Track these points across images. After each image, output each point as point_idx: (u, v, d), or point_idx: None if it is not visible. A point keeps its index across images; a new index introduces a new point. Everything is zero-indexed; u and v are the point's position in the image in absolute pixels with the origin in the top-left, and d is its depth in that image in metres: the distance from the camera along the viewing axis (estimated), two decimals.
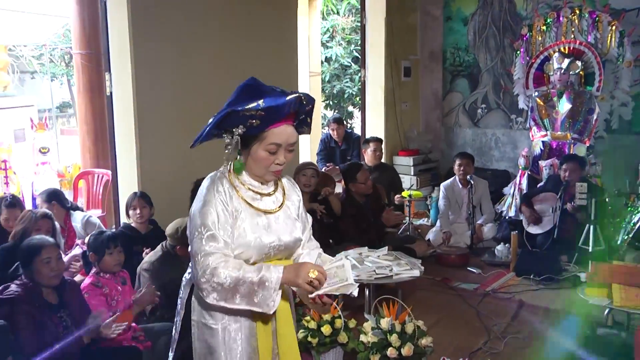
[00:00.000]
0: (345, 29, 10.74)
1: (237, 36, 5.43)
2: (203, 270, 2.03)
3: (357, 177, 5.38)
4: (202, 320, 2.20)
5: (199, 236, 2.08)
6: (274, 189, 2.28)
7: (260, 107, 2.05)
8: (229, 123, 2.11)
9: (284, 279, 2.06)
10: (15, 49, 10.39)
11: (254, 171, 2.20)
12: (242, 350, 2.19)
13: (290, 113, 2.12)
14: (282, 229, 2.23)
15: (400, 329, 3.35)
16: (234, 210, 2.14)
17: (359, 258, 4.27)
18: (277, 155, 2.15)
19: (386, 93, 7.59)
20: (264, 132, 2.10)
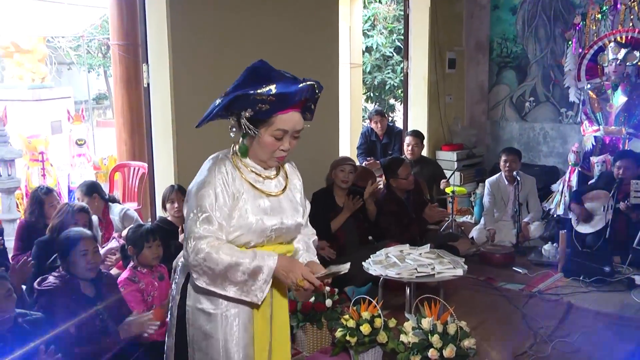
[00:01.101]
0: (388, 18, 10.55)
1: (277, 26, 5.36)
2: (195, 252, 2.03)
3: (399, 172, 5.27)
4: (197, 305, 2.18)
5: (194, 218, 2.07)
6: (276, 173, 2.29)
7: (272, 93, 2.04)
8: (237, 106, 2.10)
9: (275, 271, 2.06)
10: (54, 40, 10.55)
11: (258, 155, 2.19)
12: (239, 336, 2.17)
13: (300, 100, 2.11)
14: (285, 212, 2.23)
15: (442, 329, 3.25)
16: (235, 192, 2.12)
17: (399, 255, 4.15)
18: (282, 141, 2.14)
19: (430, 85, 7.42)
20: (272, 118, 2.10)
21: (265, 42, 5.27)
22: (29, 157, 6.24)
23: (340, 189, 5.05)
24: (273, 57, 5.29)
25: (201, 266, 2.04)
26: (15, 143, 5.86)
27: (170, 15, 4.51)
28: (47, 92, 8.27)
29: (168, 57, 4.54)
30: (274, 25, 5.33)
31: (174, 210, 4.38)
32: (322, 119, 5.92)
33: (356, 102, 9.22)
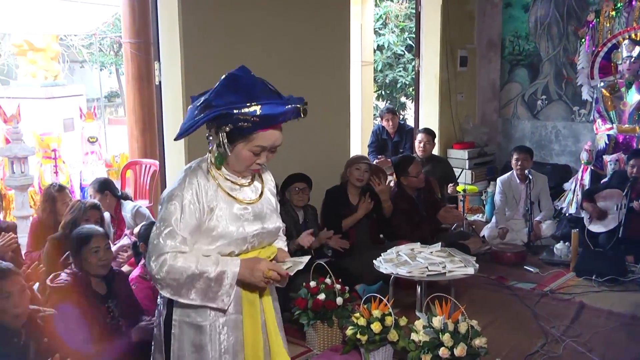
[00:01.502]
0: (399, 16, 10.52)
1: (288, 25, 5.35)
2: (159, 266, 2.03)
3: (409, 170, 5.26)
4: (185, 319, 2.16)
5: (157, 231, 2.07)
6: (251, 179, 2.27)
7: (257, 114, 2.02)
8: (219, 121, 2.07)
9: (239, 275, 2.06)
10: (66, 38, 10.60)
11: (234, 167, 2.17)
12: (228, 345, 2.17)
13: (283, 121, 2.11)
14: (265, 217, 2.23)
15: (453, 328, 3.23)
16: (210, 203, 2.10)
17: (410, 254, 4.14)
18: (260, 156, 2.14)
19: (441, 83, 7.39)
20: (252, 134, 2.07)
21: (276, 40, 5.26)
22: (41, 155, 6.27)
23: (354, 187, 5.05)
24: (284, 56, 5.35)
25: (165, 279, 2.04)
26: (28, 140, 5.90)
27: (182, 13, 4.51)
28: (59, 90, 8.32)
29: (180, 55, 4.54)
30: (285, 24, 5.32)
31: None
32: (333, 117, 5.93)
33: (367, 100, 9.20)
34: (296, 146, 5.51)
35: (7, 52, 10.41)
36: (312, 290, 3.79)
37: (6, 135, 5.79)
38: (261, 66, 5.13)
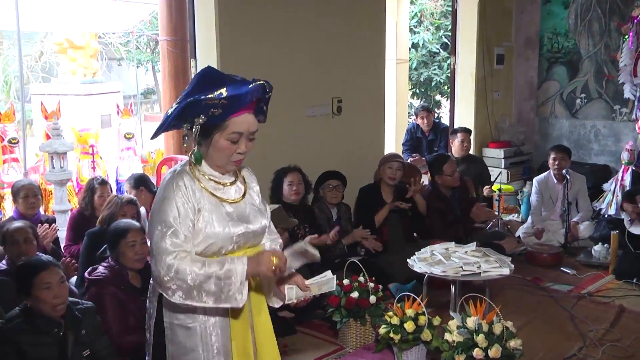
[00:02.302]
0: (435, 14, 10.44)
1: (324, 23, 5.35)
2: (166, 268, 2.00)
3: (444, 169, 5.22)
4: (175, 321, 2.16)
5: (159, 234, 2.04)
6: (234, 179, 2.26)
7: (223, 96, 2.02)
8: (191, 113, 2.06)
9: (248, 269, 2.03)
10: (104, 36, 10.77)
11: (215, 161, 2.16)
12: (219, 346, 2.16)
13: (252, 101, 2.10)
14: (249, 217, 2.22)
15: (487, 329, 3.19)
16: (196, 204, 2.10)
17: (445, 253, 4.11)
18: (238, 144, 2.12)
19: (477, 81, 7.31)
20: (226, 121, 2.07)
21: (312, 38, 5.27)
22: (80, 150, 6.38)
23: (387, 186, 5.04)
24: (319, 53, 5.35)
25: (173, 281, 2.00)
26: (67, 136, 6.01)
27: (219, 11, 4.55)
28: (97, 87, 8.47)
29: (216, 52, 4.59)
30: (321, 21, 5.33)
31: None
32: (368, 115, 5.92)
33: (402, 98, 9.15)
34: (330, 143, 5.53)
35: (48, 50, 10.63)
36: (346, 288, 3.79)
37: (47, 131, 5.92)
38: (296, 63, 5.18)
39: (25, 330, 2.78)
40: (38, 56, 11.11)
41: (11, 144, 5.81)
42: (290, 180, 4.67)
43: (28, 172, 5.99)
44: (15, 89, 10.51)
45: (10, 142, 5.76)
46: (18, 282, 2.89)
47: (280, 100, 5.06)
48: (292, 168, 4.74)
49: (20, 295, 2.87)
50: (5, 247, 3.65)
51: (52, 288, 2.81)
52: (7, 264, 3.63)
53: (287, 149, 5.10)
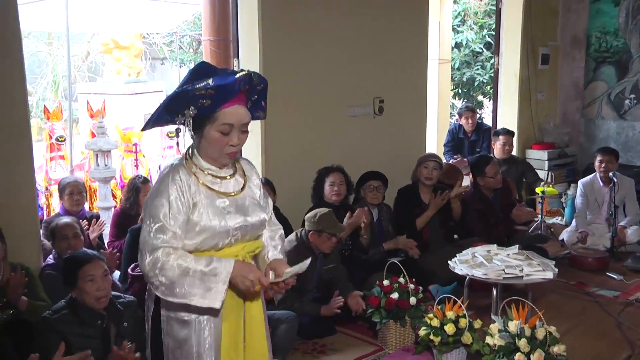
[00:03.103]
0: (478, 13, 10.31)
1: (366, 23, 5.35)
2: (152, 264, 2.01)
3: (486, 171, 5.16)
4: (171, 314, 2.17)
5: (147, 228, 2.05)
6: (233, 172, 2.24)
7: (210, 86, 2.01)
8: (180, 104, 2.07)
9: (232, 276, 2.02)
10: (149, 36, 10.95)
11: (209, 154, 2.15)
12: (211, 341, 2.16)
13: (240, 91, 2.08)
14: (247, 210, 2.20)
15: (530, 333, 3.12)
16: (192, 198, 2.10)
17: (487, 255, 4.04)
18: (230, 136, 2.11)
19: (521, 82, 7.20)
20: (216, 113, 2.07)
21: (354, 38, 5.27)
22: (123, 148, 6.50)
23: (425, 186, 4.99)
24: (362, 53, 5.34)
25: (157, 277, 2.00)
26: (111, 135, 6.14)
27: (262, 11, 4.58)
28: (141, 86, 8.63)
29: (258, 52, 4.62)
30: (363, 22, 5.32)
31: None
32: (410, 116, 5.89)
33: (444, 98, 9.06)
34: (372, 144, 5.52)
35: (95, 50, 10.88)
36: (386, 288, 3.77)
37: (92, 130, 6.05)
38: (338, 63, 5.18)
39: (70, 321, 2.86)
40: (85, 56, 11.38)
41: (58, 141, 5.96)
42: (332, 181, 4.67)
43: (74, 169, 6.13)
44: (63, 88, 10.78)
45: (58, 140, 5.91)
46: (64, 274, 2.98)
47: (322, 100, 5.12)
48: (334, 168, 4.74)
49: (66, 286, 2.95)
50: (53, 241, 3.75)
51: (95, 280, 2.89)
52: (54, 258, 3.73)
53: (329, 149, 5.11)
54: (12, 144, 3.54)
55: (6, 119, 3.50)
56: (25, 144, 3.61)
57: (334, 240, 4.03)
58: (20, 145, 3.58)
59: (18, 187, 3.60)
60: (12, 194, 3.56)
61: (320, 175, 4.76)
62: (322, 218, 4.01)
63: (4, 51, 3.46)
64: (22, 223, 3.61)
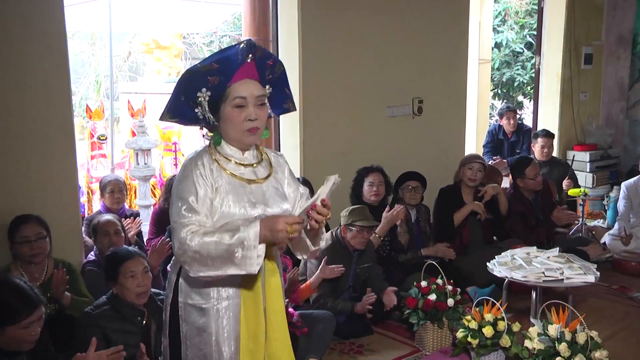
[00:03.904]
0: (519, 12, 10.16)
1: (406, 23, 5.32)
2: (180, 242, 2.00)
3: (526, 172, 5.10)
4: (188, 301, 2.17)
5: (177, 210, 2.05)
6: (257, 161, 2.22)
7: (213, 59, 2.04)
8: (192, 87, 2.08)
9: (262, 233, 1.96)
10: (189, 36, 11.07)
11: (230, 135, 2.14)
12: (230, 329, 2.15)
13: (245, 62, 2.07)
14: (269, 200, 2.17)
15: (570, 338, 3.07)
16: (213, 182, 2.09)
17: (526, 258, 3.99)
18: (245, 109, 2.08)
19: (563, 82, 7.06)
20: (227, 89, 2.08)
21: (393, 39, 5.26)
22: (163, 147, 6.59)
23: (467, 187, 4.96)
24: (401, 53, 5.32)
25: (188, 253, 1.99)
26: (152, 134, 6.23)
27: (302, 12, 4.60)
28: None
29: (298, 52, 4.64)
30: (403, 21, 5.30)
31: None
32: (449, 116, 5.84)
33: (483, 99, 8.96)
34: (411, 144, 5.49)
35: (136, 50, 11.06)
36: (423, 290, 3.76)
37: (133, 129, 6.16)
38: (377, 63, 5.17)
39: (111, 317, 2.91)
40: (126, 56, 11.57)
41: (100, 140, 6.08)
42: (371, 181, 4.67)
43: (114, 167, 6.25)
44: (105, 88, 10.98)
45: (99, 138, 6.03)
46: (106, 270, 3.03)
47: (361, 100, 5.11)
48: (374, 168, 4.74)
49: (107, 282, 3.01)
50: (95, 238, 3.83)
51: (136, 277, 2.94)
52: (95, 255, 3.81)
53: (368, 149, 5.10)
54: (56, 142, 3.62)
55: (51, 117, 3.58)
56: (69, 143, 3.69)
57: (365, 235, 4.03)
58: (64, 144, 3.66)
59: (62, 185, 3.67)
60: (56, 192, 3.64)
61: (360, 175, 4.76)
62: (353, 211, 4.04)
63: (51, 52, 3.54)
64: (65, 220, 3.68)
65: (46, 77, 3.55)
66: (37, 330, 2.40)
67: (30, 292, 2.42)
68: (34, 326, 2.39)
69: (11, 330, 2.34)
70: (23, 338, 2.36)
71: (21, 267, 3.33)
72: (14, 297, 2.37)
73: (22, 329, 2.35)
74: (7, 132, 3.44)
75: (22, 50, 3.44)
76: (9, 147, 3.45)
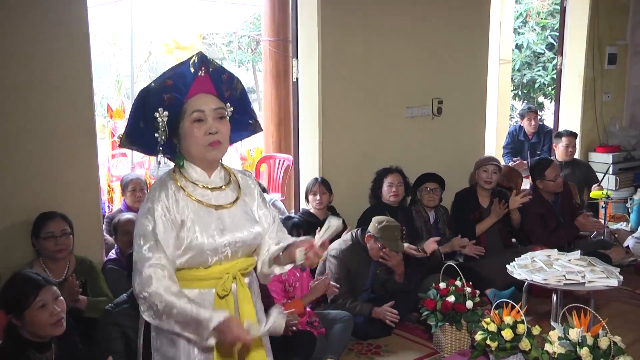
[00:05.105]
0: (541, 13, 10.07)
1: (426, 22, 5.30)
2: (142, 285, 1.91)
3: (546, 174, 5.03)
4: (161, 330, 2.05)
5: (138, 248, 1.95)
6: (225, 183, 2.12)
7: (166, 76, 1.98)
8: (148, 107, 2.00)
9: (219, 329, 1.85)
10: (208, 37, 11.13)
11: (193, 153, 2.04)
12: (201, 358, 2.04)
13: (198, 75, 2.00)
14: (238, 225, 2.07)
15: (592, 342, 3.02)
16: (180, 215, 1.99)
17: (547, 260, 3.94)
18: (205, 123, 2.00)
19: (585, 83, 6.98)
20: (183, 106, 2.01)
21: (413, 38, 5.24)
22: None
23: (483, 190, 4.91)
24: (421, 53, 5.31)
25: (146, 300, 1.91)
26: None
27: (322, 12, 4.60)
28: None
29: (317, 52, 4.64)
30: (423, 21, 5.28)
31: (316, 202, 4.49)
32: (469, 117, 5.81)
33: (504, 100, 8.90)
34: (430, 145, 5.47)
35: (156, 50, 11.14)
36: (442, 291, 3.74)
37: None
38: (397, 64, 5.15)
39: (130, 315, 2.92)
40: (147, 56, 11.66)
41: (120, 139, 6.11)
42: (390, 181, 4.66)
43: (134, 166, 6.30)
44: (126, 87, 11.08)
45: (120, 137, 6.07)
46: (128, 268, 3.05)
47: (380, 100, 5.10)
48: (393, 169, 4.73)
49: (129, 281, 3.02)
50: (116, 237, 3.87)
51: None
52: (116, 253, 3.84)
53: (387, 150, 5.10)
54: (79, 141, 3.66)
55: (74, 117, 3.62)
56: (91, 142, 3.73)
57: (383, 253, 3.99)
58: (86, 143, 3.70)
59: (83, 183, 3.72)
60: (78, 190, 3.69)
61: (379, 175, 4.76)
62: (386, 228, 3.98)
63: (74, 52, 3.58)
64: (87, 218, 3.72)
65: (70, 78, 3.59)
66: (56, 310, 2.42)
67: (34, 275, 2.47)
68: (50, 306, 2.41)
69: (28, 314, 2.37)
70: (43, 320, 2.39)
71: (44, 263, 3.38)
72: (20, 283, 2.44)
73: (37, 310, 2.38)
74: (32, 131, 3.48)
75: (46, 52, 3.49)
76: (33, 146, 3.49)
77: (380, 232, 3.95)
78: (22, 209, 3.45)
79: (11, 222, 3.44)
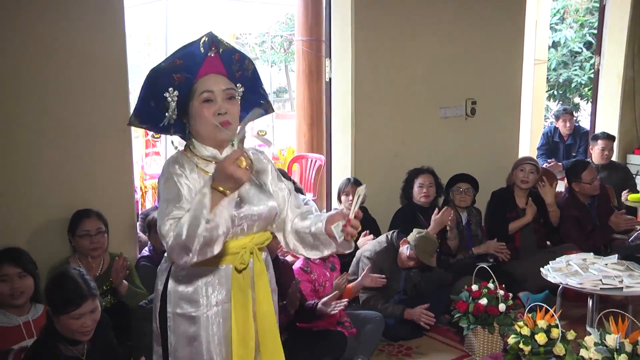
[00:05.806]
0: (579, 10, 9.89)
1: (460, 21, 5.25)
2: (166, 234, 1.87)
3: (582, 177, 4.95)
4: (178, 310, 2.08)
5: (162, 207, 1.93)
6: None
7: (176, 57, 1.99)
8: (158, 86, 2.00)
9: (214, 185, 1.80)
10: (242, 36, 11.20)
11: (202, 133, 2.04)
12: (220, 336, 2.09)
13: (209, 56, 2.02)
14: (253, 199, 2.08)
15: (631, 349, 2.95)
16: (194, 188, 1.97)
17: (582, 264, 3.87)
18: (214, 103, 1.99)
19: (624, 83, 6.82)
20: (193, 86, 2.01)
21: (447, 39, 5.20)
22: None
23: (520, 190, 4.86)
24: (455, 53, 5.27)
25: (175, 240, 1.84)
26: None
27: (355, 12, 4.59)
28: None
29: (350, 52, 4.63)
30: (456, 21, 5.24)
31: (349, 202, 4.48)
32: (503, 118, 5.74)
33: (538, 100, 8.77)
34: (463, 146, 5.42)
35: None
36: (474, 294, 3.70)
37: None
38: (430, 64, 5.12)
39: None
40: None
41: (154, 138, 6.21)
42: (421, 182, 4.64)
43: None
44: None
45: (154, 136, 6.15)
46: None
47: (413, 100, 5.07)
48: (424, 170, 4.70)
49: None
50: (149, 234, 3.91)
51: None
52: (149, 250, 3.89)
53: (420, 150, 5.07)
54: (114, 140, 3.71)
55: (110, 116, 3.67)
56: (126, 141, 3.78)
57: (412, 264, 3.98)
58: (121, 142, 3.75)
59: (118, 181, 3.77)
60: (113, 188, 3.74)
61: (410, 176, 4.74)
62: (423, 240, 3.95)
63: (111, 52, 3.64)
64: (121, 216, 3.77)
65: (106, 78, 3.64)
66: (88, 323, 2.45)
67: (83, 285, 2.48)
68: (85, 319, 2.44)
69: (64, 319, 2.41)
70: (74, 328, 2.43)
71: (79, 259, 3.45)
72: (68, 288, 2.45)
73: (72, 320, 2.42)
74: (70, 130, 3.54)
75: (84, 53, 3.55)
76: (70, 144, 3.55)
77: (416, 241, 3.93)
78: (59, 205, 3.51)
79: (48, 219, 3.50)
